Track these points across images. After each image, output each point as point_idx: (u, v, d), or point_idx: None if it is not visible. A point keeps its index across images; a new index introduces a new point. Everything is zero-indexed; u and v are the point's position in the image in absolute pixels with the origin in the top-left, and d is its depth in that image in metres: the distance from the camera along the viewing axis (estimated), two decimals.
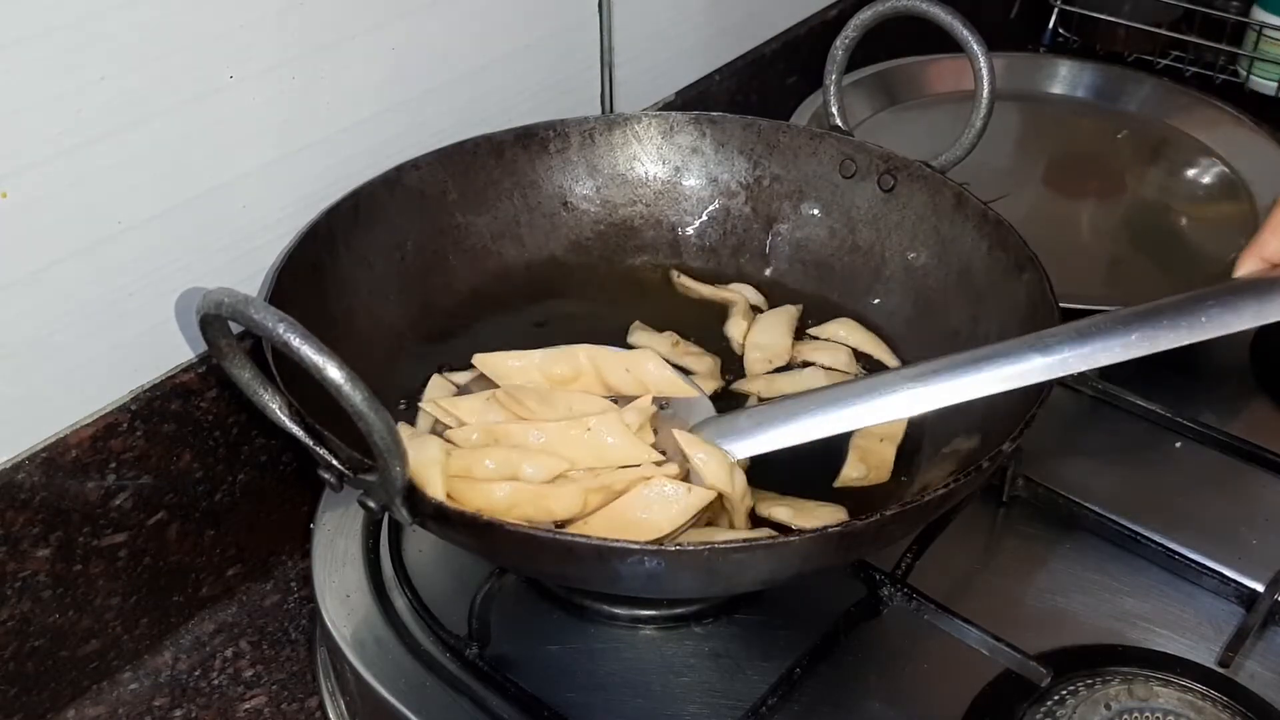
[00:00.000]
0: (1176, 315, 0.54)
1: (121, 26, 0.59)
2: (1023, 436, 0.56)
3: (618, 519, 0.58)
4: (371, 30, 0.71)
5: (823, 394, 0.62)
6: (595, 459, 0.61)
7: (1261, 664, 0.64)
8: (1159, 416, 0.79)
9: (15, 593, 0.64)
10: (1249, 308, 0.54)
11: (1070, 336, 0.55)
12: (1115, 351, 0.54)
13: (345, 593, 0.65)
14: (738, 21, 1.01)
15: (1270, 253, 0.55)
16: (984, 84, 0.73)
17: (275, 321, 0.45)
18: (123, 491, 0.67)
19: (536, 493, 0.58)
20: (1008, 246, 0.69)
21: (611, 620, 0.64)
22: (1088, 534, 0.71)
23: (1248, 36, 1.17)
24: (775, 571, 0.56)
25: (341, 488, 0.53)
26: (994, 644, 0.61)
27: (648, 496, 0.58)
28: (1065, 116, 1.09)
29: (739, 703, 0.60)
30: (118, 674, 0.71)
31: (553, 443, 0.61)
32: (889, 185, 0.77)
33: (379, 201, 0.72)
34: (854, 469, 0.65)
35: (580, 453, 0.61)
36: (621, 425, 0.61)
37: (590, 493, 0.59)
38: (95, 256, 0.62)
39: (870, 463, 0.65)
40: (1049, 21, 1.26)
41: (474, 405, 0.64)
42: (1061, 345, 0.55)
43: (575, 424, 0.61)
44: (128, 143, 0.61)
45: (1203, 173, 1.01)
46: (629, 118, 0.80)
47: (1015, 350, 0.56)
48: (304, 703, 0.69)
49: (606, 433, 0.61)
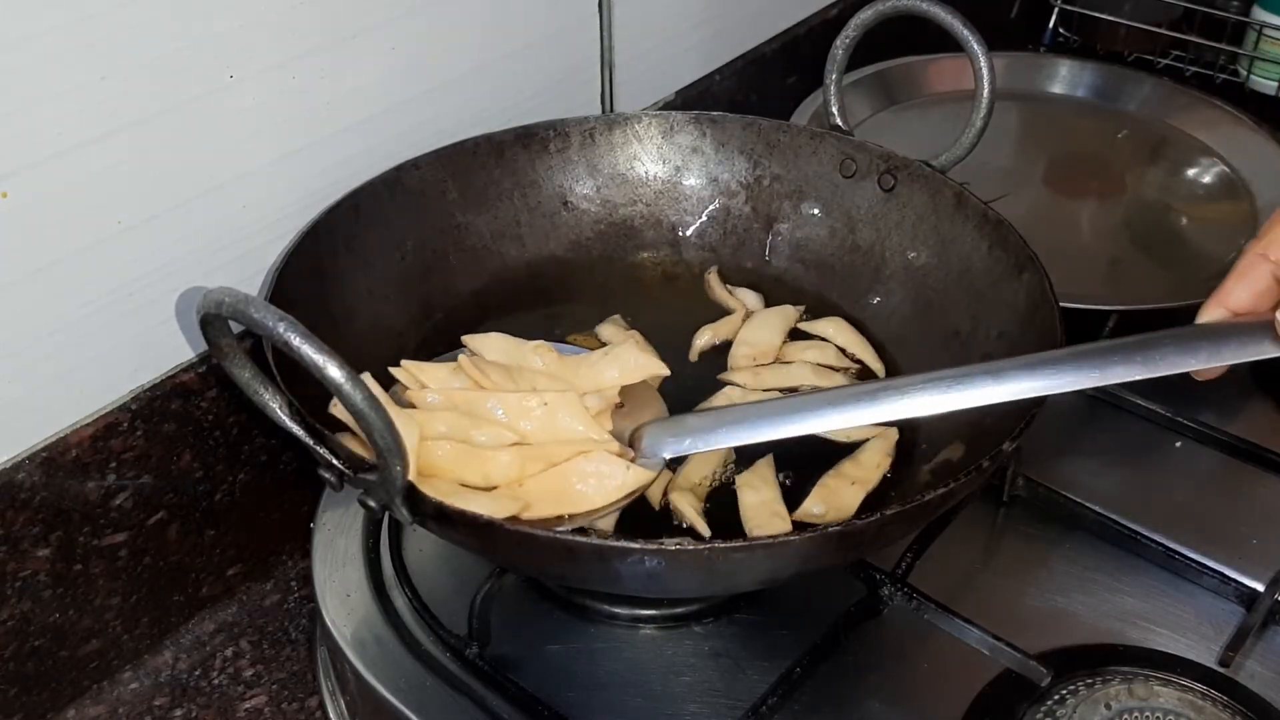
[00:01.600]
0: (1130, 353, 0.55)
1: (121, 26, 0.59)
2: (1023, 436, 0.56)
3: (554, 488, 0.58)
4: (371, 30, 0.71)
5: (764, 406, 0.62)
6: (549, 436, 0.61)
7: (1261, 664, 0.64)
8: (1159, 416, 0.79)
9: (15, 592, 0.64)
10: (1204, 350, 0.55)
11: (1021, 368, 0.56)
12: (1066, 381, 0.55)
13: (345, 592, 0.65)
14: (738, 21, 1.01)
15: (1233, 303, 0.55)
16: (984, 84, 0.73)
17: (275, 321, 0.45)
18: (123, 491, 0.67)
19: (475, 455, 0.58)
20: (1008, 246, 0.69)
21: (611, 620, 0.64)
22: (1088, 534, 0.71)
23: (1248, 36, 1.17)
24: (775, 571, 0.56)
25: (341, 487, 0.53)
26: (994, 644, 0.61)
27: (585, 470, 0.58)
28: (1065, 116, 1.09)
29: (739, 703, 0.60)
30: (118, 674, 0.71)
31: (509, 414, 0.61)
32: (889, 185, 0.77)
33: (379, 201, 0.72)
34: (814, 505, 0.64)
35: (534, 428, 0.61)
36: (579, 406, 0.61)
37: (529, 461, 0.59)
38: (95, 256, 0.62)
39: (832, 504, 0.64)
40: (1049, 21, 1.26)
41: (439, 373, 0.64)
42: (1016, 375, 0.56)
43: (532, 397, 0.61)
44: (128, 143, 0.61)
45: (1203, 172, 1.01)
46: (629, 117, 0.80)
47: (963, 376, 0.56)
48: (304, 702, 0.69)
49: (563, 411, 0.61)
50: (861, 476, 0.65)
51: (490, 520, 0.50)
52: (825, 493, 0.64)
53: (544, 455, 0.59)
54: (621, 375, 0.66)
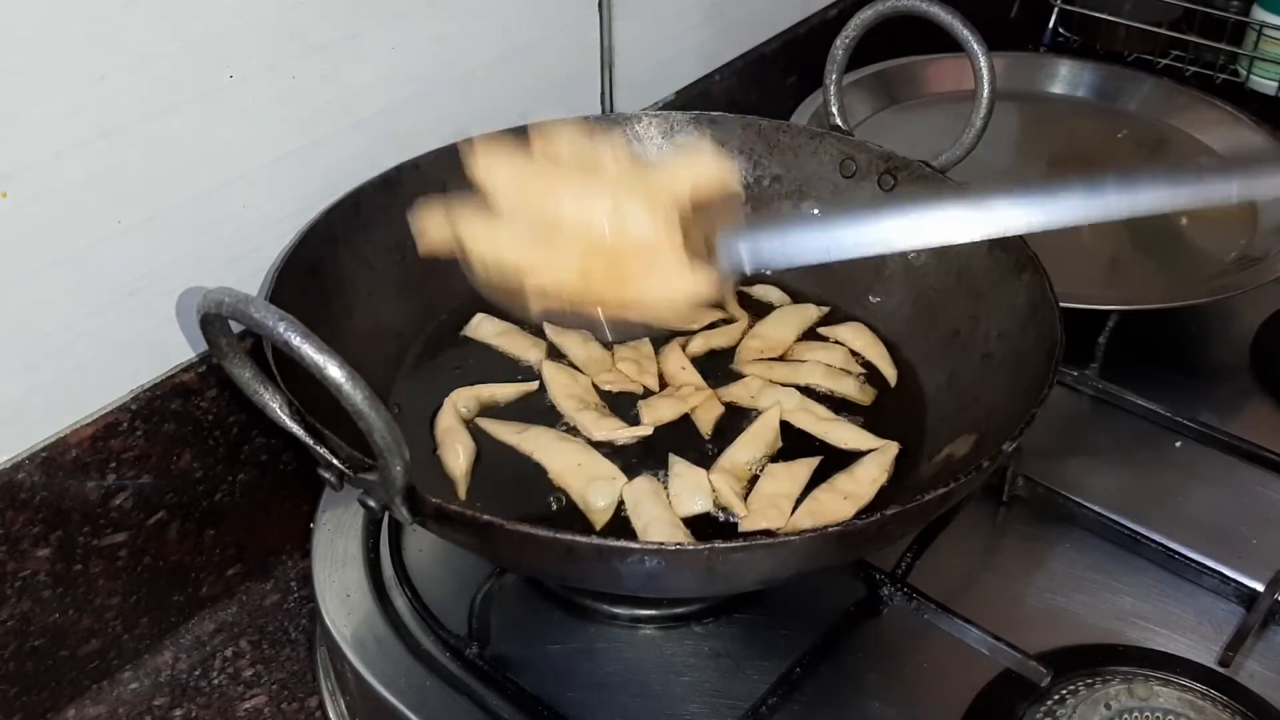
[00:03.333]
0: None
1: (121, 26, 0.59)
2: (1023, 436, 0.56)
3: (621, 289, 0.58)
4: (371, 30, 0.71)
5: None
6: (617, 235, 0.59)
7: (1261, 664, 0.64)
8: (1159, 416, 0.79)
9: (15, 592, 0.64)
10: None
11: None
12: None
13: (345, 592, 0.65)
14: (738, 21, 1.01)
15: None
16: (984, 84, 0.73)
17: (276, 320, 0.45)
18: (123, 491, 0.67)
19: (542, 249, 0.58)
20: (1008, 246, 0.69)
21: (611, 620, 0.64)
22: (1088, 534, 0.71)
23: (1248, 36, 1.17)
24: (775, 571, 0.56)
25: (341, 487, 0.53)
26: (994, 643, 0.61)
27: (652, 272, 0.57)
28: (1065, 116, 1.09)
29: (739, 702, 0.60)
30: (118, 673, 0.71)
31: (578, 209, 0.59)
32: (889, 185, 0.77)
33: (379, 201, 0.72)
34: (803, 518, 0.63)
35: (602, 225, 0.59)
36: (648, 207, 0.59)
37: (596, 258, 0.58)
38: (95, 256, 0.62)
39: (821, 517, 0.63)
40: (1049, 21, 1.26)
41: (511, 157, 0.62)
42: None
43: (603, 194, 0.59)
44: (128, 142, 0.61)
45: None
46: (629, 117, 0.80)
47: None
48: (304, 702, 0.69)
49: (632, 210, 0.59)
50: (854, 491, 0.64)
51: (490, 520, 0.50)
52: (815, 506, 0.63)
53: (612, 252, 0.58)
54: (694, 181, 0.63)
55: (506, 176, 0.60)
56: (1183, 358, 0.88)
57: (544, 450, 0.66)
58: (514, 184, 0.60)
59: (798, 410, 0.70)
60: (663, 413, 0.69)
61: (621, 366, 0.72)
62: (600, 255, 0.57)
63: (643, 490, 0.63)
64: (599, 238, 0.58)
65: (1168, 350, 0.87)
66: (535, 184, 0.60)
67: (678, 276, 0.57)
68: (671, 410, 0.69)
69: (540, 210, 0.59)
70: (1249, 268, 0.84)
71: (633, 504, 0.63)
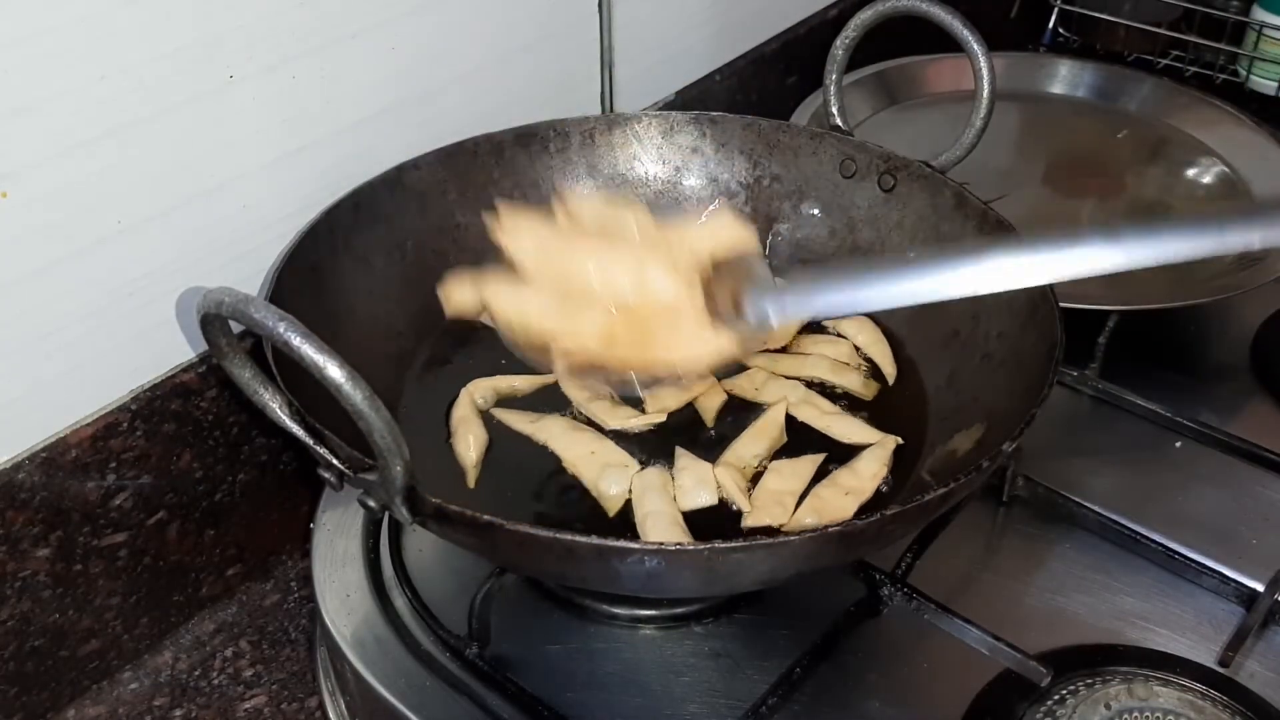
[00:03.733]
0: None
1: (121, 26, 0.59)
2: (1023, 436, 0.56)
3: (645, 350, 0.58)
4: (371, 30, 0.71)
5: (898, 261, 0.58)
6: (640, 297, 0.59)
7: (1261, 664, 0.64)
8: (1159, 416, 0.79)
9: (15, 593, 0.64)
10: None
11: None
12: None
13: (345, 592, 0.65)
14: (738, 21, 1.01)
15: None
16: (984, 84, 0.73)
17: (276, 320, 0.45)
18: (123, 491, 0.67)
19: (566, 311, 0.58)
20: None
21: (611, 620, 0.64)
22: (1088, 534, 0.71)
23: (1248, 36, 1.17)
24: (775, 571, 0.56)
25: (341, 487, 0.53)
26: (994, 643, 0.61)
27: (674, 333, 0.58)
28: (1065, 116, 1.09)
29: (739, 703, 0.60)
30: (118, 674, 0.71)
31: (602, 271, 0.59)
32: (889, 185, 0.77)
33: (379, 201, 0.72)
34: (807, 515, 0.63)
35: (626, 287, 0.59)
36: (672, 268, 0.59)
37: (620, 319, 0.58)
38: (95, 256, 0.62)
39: (824, 515, 0.63)
40: (1049, 21, 1.26)
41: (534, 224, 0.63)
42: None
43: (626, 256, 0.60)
44: (128, 142, 0.61)
45: (1203, 172, 1.01)
46: (629, 118, 0.80)
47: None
48: (304, 702, 0.69)
49: (655, 272, 0.59)
50: (856, 486, 0.65)
51: (490, 520, 0.50)
52: (818, 503, 0.64)
53: (636, 315, 0.58)
54: (715, 243, 0.63)
55: (531, 243, 0.62)
56: (1183, 358, 0.88)
57: (557, 439, 0.68)
58: (538, 250, 0.61)
59: (802, 404, 0.70)
60: (668, 401, 0.70)
61: None
62: (624, 318, 0.59)
63: (651, 481, 0.64)
64: (623, 301, 0.59)
65: (1168, 350, 0.87)
66: (559, 250, 0.61)
67: (701, 337, 0.58)
68: (675, 398, 0.70)
69: (564, 275, 0.60)
70: (1249, 268, 0.84)
71: (638, 494, 0.64)
